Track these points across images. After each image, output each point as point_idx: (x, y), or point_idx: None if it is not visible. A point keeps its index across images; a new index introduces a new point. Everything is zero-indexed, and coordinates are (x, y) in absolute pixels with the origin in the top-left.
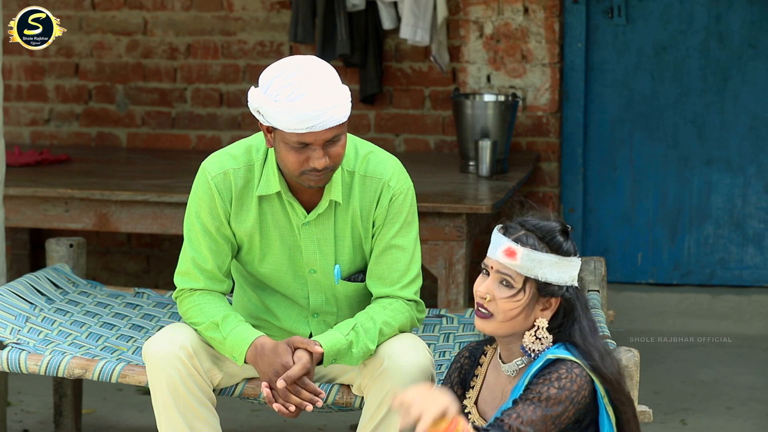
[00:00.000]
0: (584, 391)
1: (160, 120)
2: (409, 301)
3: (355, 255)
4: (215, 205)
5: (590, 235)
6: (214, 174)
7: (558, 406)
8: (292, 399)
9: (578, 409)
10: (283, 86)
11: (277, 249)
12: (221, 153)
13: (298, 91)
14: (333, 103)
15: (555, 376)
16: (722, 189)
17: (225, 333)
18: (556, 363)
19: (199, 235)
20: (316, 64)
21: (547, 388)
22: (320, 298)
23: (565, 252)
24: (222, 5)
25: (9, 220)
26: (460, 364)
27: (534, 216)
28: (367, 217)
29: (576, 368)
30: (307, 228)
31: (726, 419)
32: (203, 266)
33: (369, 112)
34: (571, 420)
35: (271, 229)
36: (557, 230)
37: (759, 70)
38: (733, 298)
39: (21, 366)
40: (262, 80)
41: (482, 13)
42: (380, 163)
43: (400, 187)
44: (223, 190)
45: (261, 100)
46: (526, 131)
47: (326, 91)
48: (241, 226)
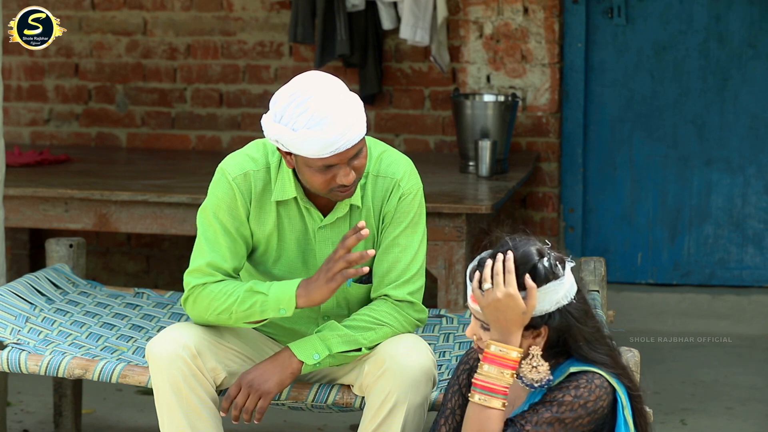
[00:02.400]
0: (602, 402)
1: (160, 120)
2: (399, 301)
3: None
4: (236, 206)
5: (590, 235)
6: (234, 175)
7: (570, 412)
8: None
9: (594, 419)
10: (298, 114)
11: (292, 252)
12: (240, 154)
13: (315, 118)
14: (351, 121)
15: (573, 385)
16: (722, 189)
17: (266, 290)
18: (577, 374)
19: (218, 235)
20: (325, 82)
21: (562, 395)
22: (331, 301)
23: (544, 279)
24: (222, 5)
25: (9, 220)
26: (469, 366)
27: (513, 240)
28: (378, 215)
29: (597, 379)
30: (323, 231)
31: (726, 419)
32: (221, 265)
33: (369, 113)
34: (587, 429)
35: (288, 232)
36: (534, 258)
37: (759, 70)
38: (732, 298)
39: (21, 366)
40: (275, 108)
41: (482, 13)
42: (392, 163)
43: (410, 187)
44: (245, 191)
45: (278, 130)
46: (525, 131)
47: (343, 112)
48: (260, 228)
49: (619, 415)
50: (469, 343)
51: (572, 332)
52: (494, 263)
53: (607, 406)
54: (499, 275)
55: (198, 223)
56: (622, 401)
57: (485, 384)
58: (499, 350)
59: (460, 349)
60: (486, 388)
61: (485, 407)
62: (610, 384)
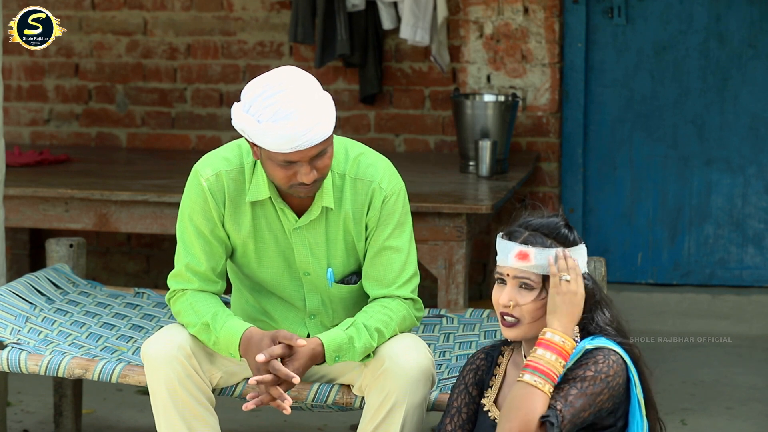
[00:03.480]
0: (619, 378)
1: (160, 120)
2: (406, 299)
3: (348, 257)
4: (209, 208)
5: (590, 235)
6: (206, 176)
7: (594, 386)
8: (271, 389)
9: (613, 395)
10: (264, 106)
11: (272, 252)
12: (213, 155)
13: (281, 112)
14: (316, 120)
15: (592, 361)
16: (722, 189)
17: (217, 332)
18: (593, 351)
19: (192, 238)
20: (297, 78)
21: (583, 371)
22: (316, 299)
23: (573, 242)
24: (222, 5)
25: (9, 220)
26: (476, 366)
27: (533, 216)
28: (360, 219)
29: (612, 355)
30: (298, 232)
31: (726, 419)
32: (197, 268)
33: (369, 112)
34: (606, 405)
35: (266, 232)
36: (560, 225)
37: (759, 70)
38: (732, 299)
39: (21, 366)
40: (245, 97)
41: (482, 13)
42: (371, 165)
43: (392, 188)
44: (216, 192)
45: (244, 120)
46: (526, 131)
47: (309, 110)
48: (236, 229)
49: (633, 395)
50: (469, 343)
51: (597, 296)
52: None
53: (622, 383)
54: (575, 270)
55: (176, 226)
56: (635, 380)
57: (543, 368)
58: (561, 341)
59: (460, 349)
60: (543, 372)
61: (536, 389)
62: (624, 362)
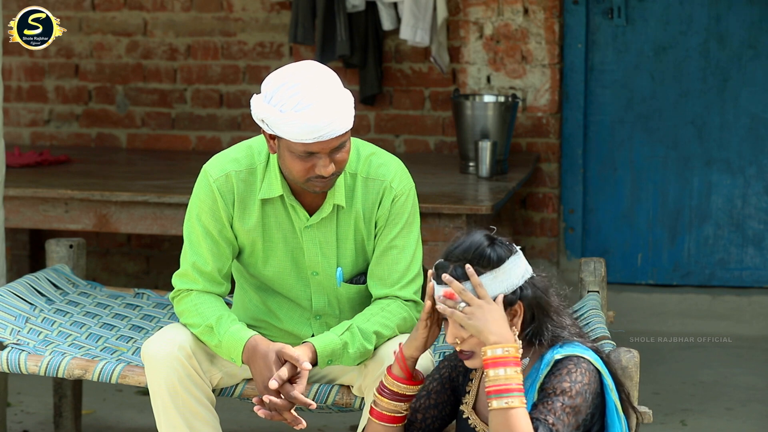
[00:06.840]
0: (594, 384)
1: (160, 121)
2: (407, 301)
3: (358, 257)
4: (217, 208)
5: (590, 235)
6: (216, 177)
7: (576, 397)
8: (286, 414)
9: (589, 403)
10: (288, 96)
11: (280, 251)
12: (223, 155)
13: (304, 102)
14: (339, 112)
15: (565, 371)
16: (722, 190)
17: (220, 336)
18: (563, 361)
19: (200, 238)
20: (319, 71)
21: (559, 382)
22: (323, 300)
23: (498, 262)
24: (222, 6)
25: (9, 221)
26: (454, 364)
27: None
28: (370, 218)
29: (583, 363)
30: (309, 231)
31: (726, 420)
32: (203, 268)
33: (369, 113)
34: (588, 413)
35: (274, 231)
36: (483, 245)
37: (759, 71)
38: (732, 299)
39: (21, 366)
40: (266, 89)
41: (482, 14)
42: (382, 165)
43: (402, 188)
44: (226, 192)
45: (265, 110)
46: (525, 132)
47: (332, 100)
48: (243, 228)
49: (609, 399)
50: None
51: (541, 304)
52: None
53: (597, 388)
54: (463, 292)
55: (184, 226)
56: (609, 384)
57: (503, 387)
58: (503, 351)
59: None
60: (506, 390)
61: (510, 409)
62: (596, 367)
